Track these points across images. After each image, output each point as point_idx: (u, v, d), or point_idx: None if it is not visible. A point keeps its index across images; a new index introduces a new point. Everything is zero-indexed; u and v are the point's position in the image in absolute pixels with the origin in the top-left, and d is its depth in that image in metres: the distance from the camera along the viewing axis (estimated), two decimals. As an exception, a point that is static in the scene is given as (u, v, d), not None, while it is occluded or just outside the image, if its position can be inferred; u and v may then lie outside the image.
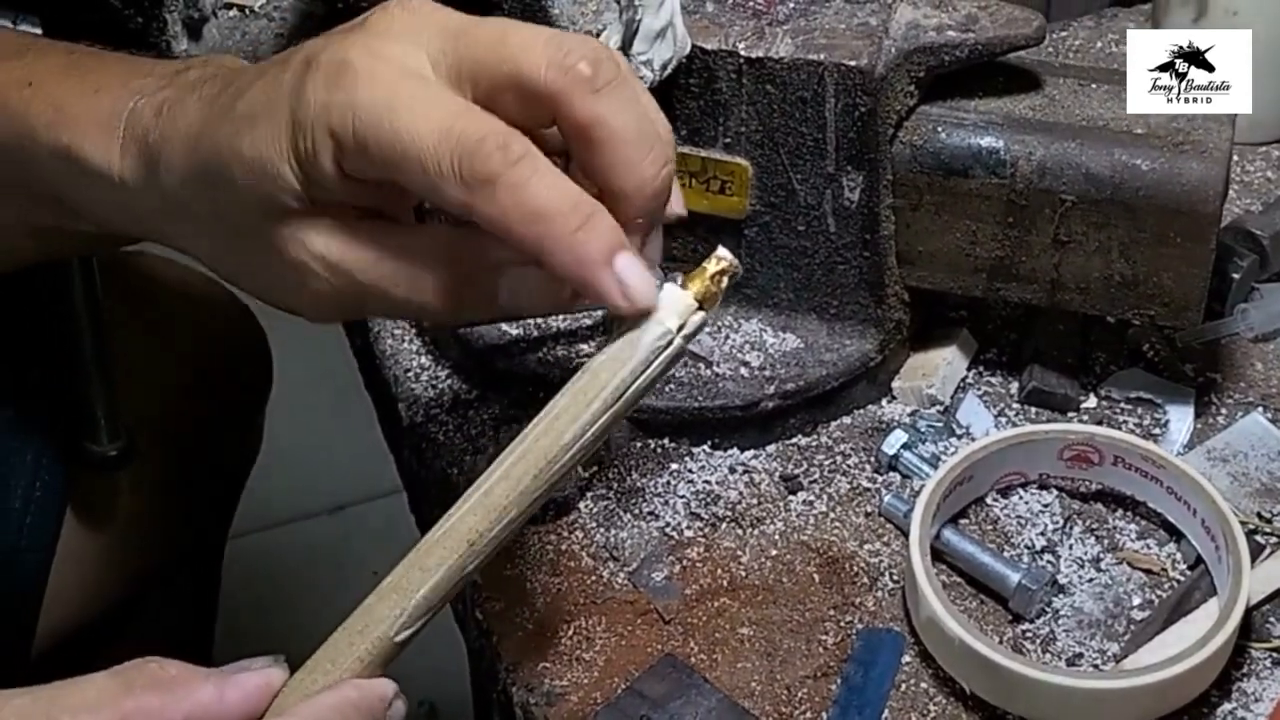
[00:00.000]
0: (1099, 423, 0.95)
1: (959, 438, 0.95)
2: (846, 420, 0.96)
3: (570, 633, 0.86)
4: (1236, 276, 0.99)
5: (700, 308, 0.72)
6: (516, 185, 0.69)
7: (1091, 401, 0.96)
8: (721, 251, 0.72)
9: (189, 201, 0.78)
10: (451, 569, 0.69)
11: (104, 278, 1.07)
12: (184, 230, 0.80)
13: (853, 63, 0.87)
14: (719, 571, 0.89)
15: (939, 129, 0.90)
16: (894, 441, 0.93)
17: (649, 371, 0.71)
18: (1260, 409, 0.96)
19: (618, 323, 0.72)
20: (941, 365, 0.96)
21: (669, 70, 0.86)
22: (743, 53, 0.88)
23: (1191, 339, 0.98)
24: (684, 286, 0.72)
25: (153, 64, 0.84)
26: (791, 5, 0.90)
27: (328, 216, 0.75)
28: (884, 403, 0.97)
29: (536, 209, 0.70)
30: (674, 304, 0.71)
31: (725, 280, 0.72)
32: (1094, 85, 0.92)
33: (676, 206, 0.77)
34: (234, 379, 1.35)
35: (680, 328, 0.71)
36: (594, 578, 0.89)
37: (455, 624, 0.95)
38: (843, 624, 0.86)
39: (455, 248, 0.76)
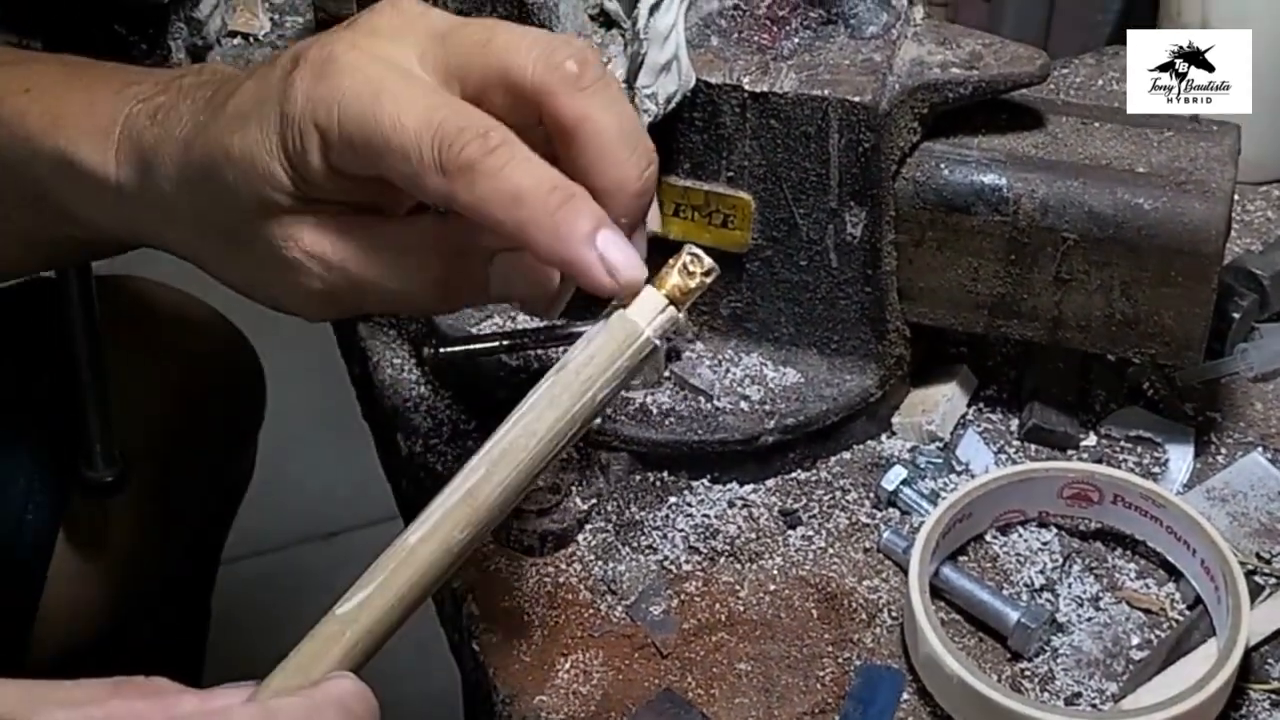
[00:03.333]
0: (1099, 461, 0.95)
1: (958, 474, 0.95)
2: (846, 455, 0.96)
3: (568, 666, 0.86)
4: (1237, 316, 0.99)
5: (671, 304, 0.72)
6: (494, 171, 0.70)
7: (1091, 439, 0.96)
8: (690, 247, 0.72)
9: (183, 203, 0.78)
10: (424, 581, 0.70)
11: (99, 303, 1.07)
12: (179, 234, 0.81)
13: (857, 99, 0.87)
14: (717, 606, 0.89)
15: (942, 165, 0.90)
16: (893, 477, 0.93)
17: (616, 369, 0.71)
18: (1260, 449, 0.96)
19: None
20: (941, 401, 0.96)
21: (673, 104, 0.86)
22: (747, 87, 0.88)
23: (1191, 378, 0.98)
24: (657, 286, 0.72)
25: (148, 72, 0.85)
26: (796, 40, 0.90)
27: (318, 214, 0.76)
28: (884, 438, 0.97)
29: (515, 192, 0.70)
30: (646, 303, 0.71)
31: (697, 276, 0.72)
32: (1096, 124, 0.92)
33: (654, 223, 0.78)
34: (228, 404, 1.35)
35: (649, 323, 0.71)
36: (591, 611, 0.88)
37: (450, 653, 0.94)
38: (841, 660, 0.86)
39: (444, 238, 0.76)
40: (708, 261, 0.72)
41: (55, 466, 1.14)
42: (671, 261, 0.72)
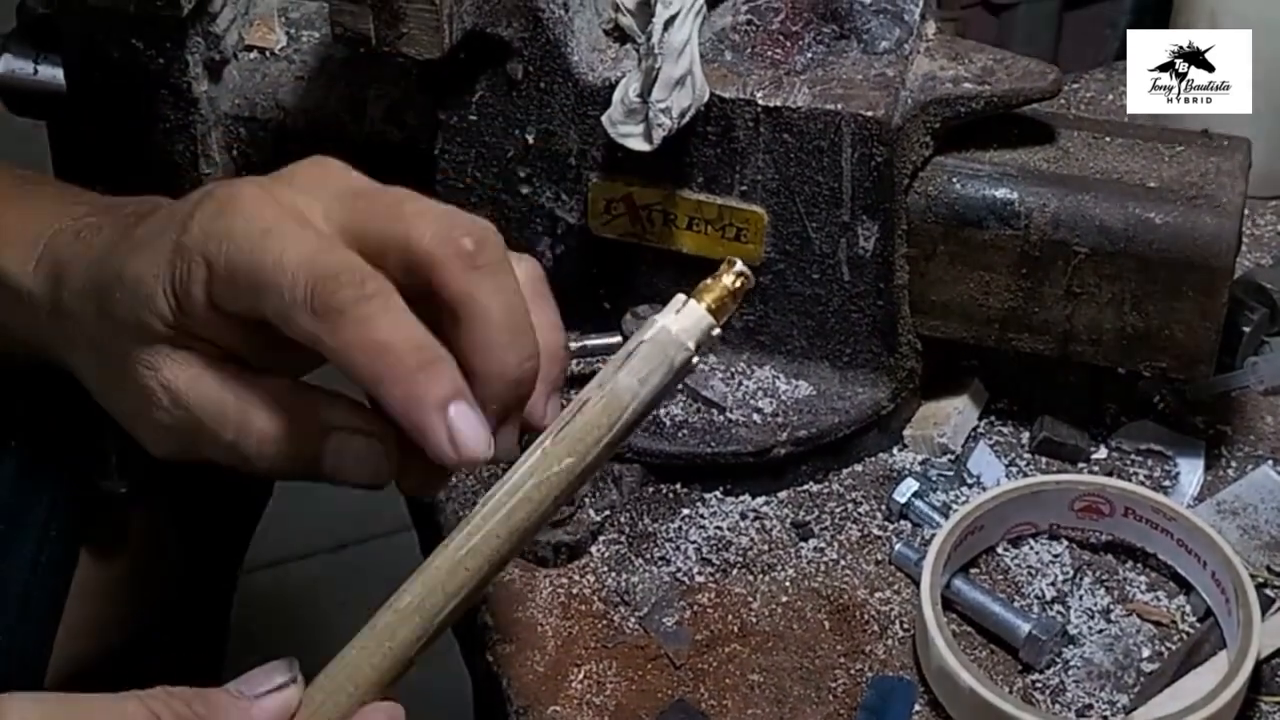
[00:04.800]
0: (1109, 474, 0.95)
1: (969, 486, 0.95)
2: (858, 468, 0.96)
3: (581, 677, 0.87)
4: (1247, 330, 0.99)
5: (715, 323, 0.71)
6: (363, 319, 0.70)
7: (1102, 452, 0.96)
8: (738, 265, 0.72)
9: (78, 317, 0.80)
10: (472, 589, 0.69)
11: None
12: (78, 355, 0.82)
13: (870, 113, 0.87)
14: (730, 617, 0.89)
15: (954, 180, 0.90)
16: (905, 490, 0.93)
17: (664, 386, 0.71)
18: (1270, 462, 0.96)
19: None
20: (953, 414, 0.97)
21: (687, 118, 0.87)
22: (760, 101, 0.88)
23: (1202, 392, 0.98)
24: (699, 299, 0.71)
25: (95, 196, 0.86)
26: (809, 55, 0.90)
27: (187, 349, 0.76)
28: (895, 451, 0.97)
29: (380, 343, 0.70)
30: (695, 324, 0.70)
31: (740, 292, 0.71)
32: (1108, 138, 0.92)
33: (549, 415, 0.76)
34: None
35: (698, 347, 0.71)
36: (605, 622, 0.89)
37: (461, 659, 0.95)
38: (853, 672, 0.87)
39: (289, 402, 0.76)
40: (749, 275, 0.72)
41: (75, 485, 1.14)
42: (718, 279, 0.71)
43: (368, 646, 0.69)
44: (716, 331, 0.71)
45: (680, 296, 0.71)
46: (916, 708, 0.85)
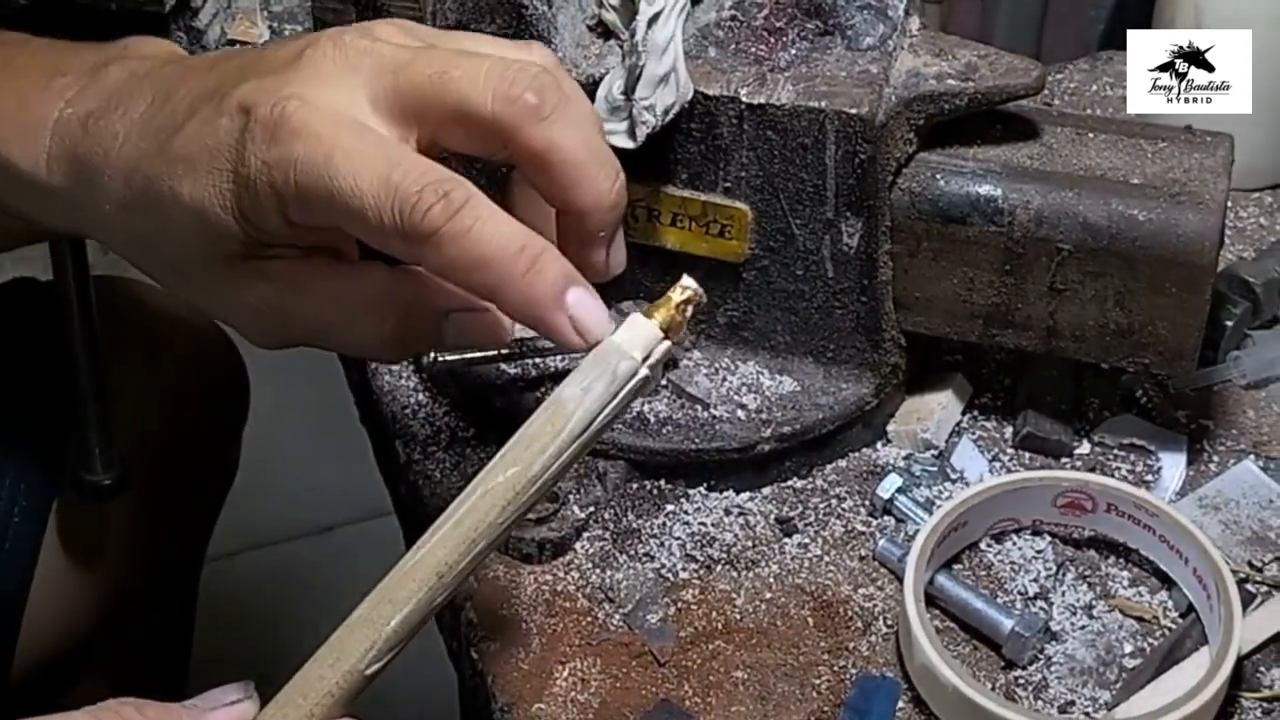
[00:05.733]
0: (1092, 469, 0.95)
1: (953, 482, 0.95)
2: (842, 463, 0.96)
3: (565, 674, 0.87)
4: (1230, 324, 1.00)
5: (665, 337, 0.73)
6: (458, 236, 0.70)
7: (1085, 447, 0.97)
8: (686, 280, 0.74)
9: (123, 225, 0.79)
10: (421, 602, 0.70)
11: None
12: (122, 245, 0.81)
13: (854, 110, 0.87)
14: (714, 614, 0.89)
15: (937, 176, 0.90)
16: (889, 486, 0.93)
17: (615, 403, 0.72)
18: (1251, 457, 0.96)
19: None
20: (936, 409, 0.97)
21: (670, 115, 0.87)
22: (744, 99, 0.88)
23: (1184, 385, 0.98)
24: (649, 316, 0.73)
25: (71, 56, 0.83)
26: (793, 51, 0.90)
27: (270, 259, 0.76)
28: (879, 446, 0.97)
29: (483, 256, 0.70)
30: (640, 335, 0.72)
31: (690, 309, 0.73)
32: (1091, 134, 0.92)
33: (616, 263, 0.79)
34: (215, 404, 1.36)
35: (646, 358, 0.72)
36: (589, 619, 0.89)
37: (444, 648, 0.95)
38: (836, 668, 0.87)
39: (399, 293, 0.77)
40: (699, 291, 0.74)
41: (42, 469, 1.14)
42: (669, 295, 0.73)
43: (320, 658, 0.70)
44: (666, 344, 0.72)
45: (632, 313, 0.73)
46: (900, 704, 0.85)
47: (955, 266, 0.91)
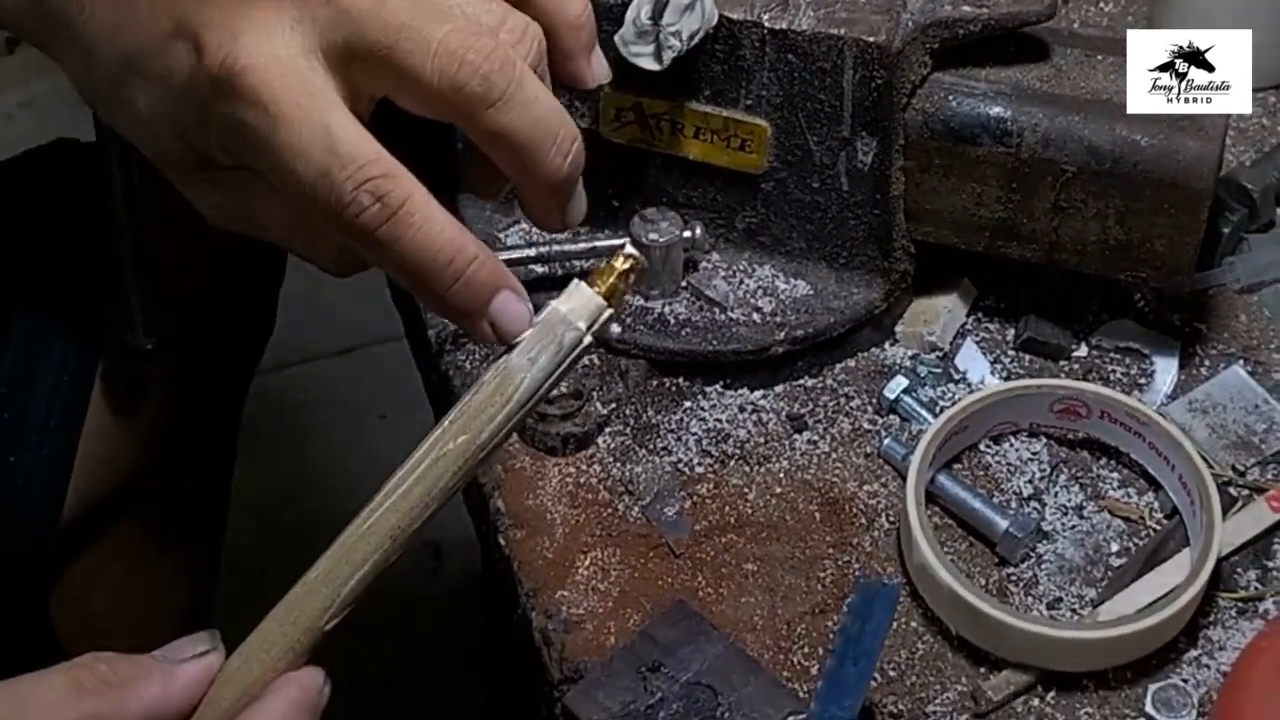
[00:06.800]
0: (1089, 371, 1.00)
1: (956, 383, 1.00)
2: (850, 363, 1.01)
3: (587, 563, 0.92)
4: (1226, 230, 1.03)
5: (608, 305, 0.76)
6: (389, 243, 0.72)
7: (1083, 350, 1.01)
8: (629, 249, 0.77)
9: (87, 89, 0.81)
10: (376, 563, 0.74)
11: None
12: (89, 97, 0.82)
13: (871, 39, 0.90)
14: (727, 508, 0.94)
15: (950, 97, 0.94)
16: (895, 386, 0.98)
17: (559, 372, 0.76)
18: (1241, 361, 1.00)
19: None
20: (942, 312, 1.01)
21: (695, 41, 0.90)
22: (766, 24, 0.91)
23: (1180, 289, 1.02)
24: (592, 284, 0.76)
25: None
26: (815, -24, 0.93)
27: (220, 171, 0.77)
28: (886, 345, 1.01)
29: (412, 267, 0.73)
30: (585, 305, 0.76)
31: (631, 277, 0.77)
32: (1100, 56, 0.95)
33: (600, 73, 0.82)
34: (253, 263, 1.39)
35: (590, 327, 0.76)
36: (610, 510, 0.94)
37: (463, 550, 0.98)
38: (840, 563, 0.92)
39: None
40: (640, 260, 0.77)
41: (88, 333, 1.18)
42: (609, 264, 0.76)
43: (278, 616, 0.74)
44: (609, 312, 0.76)
45: (575, 281, 0.76)
46: (900, 598, 0.90)
47: (964, 183, 0.95)
